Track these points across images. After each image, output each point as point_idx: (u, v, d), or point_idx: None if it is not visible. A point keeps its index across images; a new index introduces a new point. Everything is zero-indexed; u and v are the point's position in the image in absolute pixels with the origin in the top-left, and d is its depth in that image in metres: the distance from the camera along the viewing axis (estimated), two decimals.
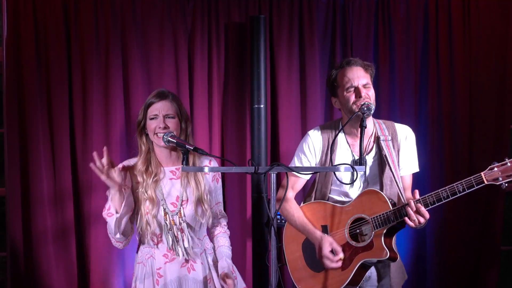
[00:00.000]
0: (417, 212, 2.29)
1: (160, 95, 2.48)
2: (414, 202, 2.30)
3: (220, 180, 2.63)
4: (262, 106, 3.48)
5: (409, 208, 2.30)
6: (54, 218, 3.45)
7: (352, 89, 2.45)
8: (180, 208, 2.46)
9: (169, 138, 2.31)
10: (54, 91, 3.46)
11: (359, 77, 2.46)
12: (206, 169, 2.15)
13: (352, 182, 2.41)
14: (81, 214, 3.49)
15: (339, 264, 2.44)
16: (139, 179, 2.45)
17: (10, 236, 3.42)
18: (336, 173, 2.44)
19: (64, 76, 3.46)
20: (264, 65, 3.49)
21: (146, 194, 2.42)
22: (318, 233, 2.50)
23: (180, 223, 2.44)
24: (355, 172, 2.09)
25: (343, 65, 2.52)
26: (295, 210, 2.60)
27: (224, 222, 2.64)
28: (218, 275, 2.49)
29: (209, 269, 2.53)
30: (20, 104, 3.42)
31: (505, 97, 3.67)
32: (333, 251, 2.45)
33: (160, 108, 2.45)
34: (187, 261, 2.48)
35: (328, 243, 2.45)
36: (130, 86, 3.52)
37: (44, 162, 3.43)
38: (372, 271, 2.55)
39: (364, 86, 2.46)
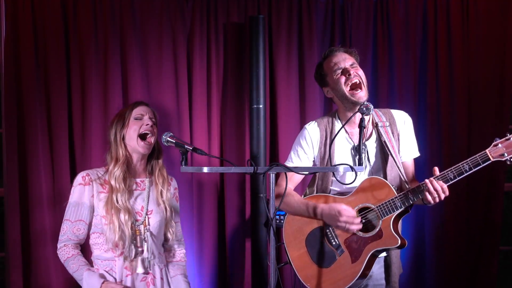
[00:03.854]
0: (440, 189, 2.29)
1: (141, 102, 2.58)
2: (435, 179, 2.29)
3: (179, 200, 2.66)
4: (261, 106, 3.48)
5: (434, 184, 2.28)
6: (52, 218, 3.43)
7: (340, 70, 2.50)
8: (145, 218, 2.45)
9: (168, 138, 2.22)
10: (53, 91, 3.44)
11: (345, 59, 2.52)
12: (205, 169, 2.13)
13: (352, 182, 2.38)
14: None
15: (360, 225, 2.38)
16: (115, 185, 2.40)
17: (9, 237, 3.41)
18: (336, 170, 2.40)
19: (63, 76, 3.45)
20: (263, 65, 3.49)
21: (121, 203, 2.38)
22: (321, 205, 2.45)
23: (144, 232, 2.43)
24: (355, 166, 2.09)
25: (326, 55, 2.59)
26: (294, 196, 2.55)
27: (182, 248, 2.65)
28: None
29: (169, 285, 2.51)
30: (18, 104, 3.41)
31: (504, 97, 3.67)
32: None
33: (145, 110, 2.53)
34: (147, 274, 2.44)
35: (342, 208, 2.38)
36: (129, 86, 3.51)
37: (42, 162, 3.42)
38: (372, 270, 2.51)
39: (351, 66, 2.50)
